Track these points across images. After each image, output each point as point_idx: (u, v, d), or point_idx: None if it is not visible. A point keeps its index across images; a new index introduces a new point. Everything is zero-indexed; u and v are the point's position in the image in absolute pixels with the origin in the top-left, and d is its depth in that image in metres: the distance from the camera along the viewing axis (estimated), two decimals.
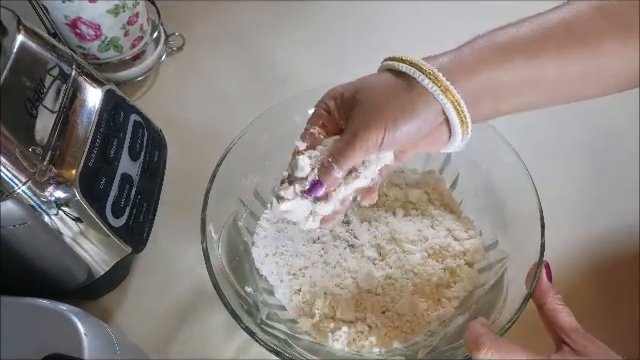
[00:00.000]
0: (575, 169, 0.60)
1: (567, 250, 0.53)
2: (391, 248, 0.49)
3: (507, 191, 0.46)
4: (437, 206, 0.51)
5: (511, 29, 0.36)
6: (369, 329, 0.44)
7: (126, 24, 0.62)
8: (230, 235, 0.47)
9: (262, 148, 0.49)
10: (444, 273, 0.47)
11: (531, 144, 0.49)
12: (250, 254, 0.49)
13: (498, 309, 0.40)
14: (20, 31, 0.41)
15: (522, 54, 0.35)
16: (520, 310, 0.37)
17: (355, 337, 0.44)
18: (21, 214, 0.39)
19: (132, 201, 0.48)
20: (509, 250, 0.44)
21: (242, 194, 0.49)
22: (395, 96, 0.36)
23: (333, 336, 0.44)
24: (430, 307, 0.45)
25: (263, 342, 0.38)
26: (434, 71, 0.35)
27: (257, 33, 0.76)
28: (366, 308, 0.45)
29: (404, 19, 0.77)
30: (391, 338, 0.44)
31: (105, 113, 0.46)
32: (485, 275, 0.45)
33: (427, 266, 0.47)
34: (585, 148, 0.62)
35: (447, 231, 0.49)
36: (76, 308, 0.36)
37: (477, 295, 0.44)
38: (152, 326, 0.50)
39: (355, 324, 0.45)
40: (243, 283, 0.44)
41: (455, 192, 0.52)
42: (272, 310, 0.45)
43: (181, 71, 0.72)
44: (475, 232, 0.49)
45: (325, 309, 0.46)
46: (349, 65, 0.53)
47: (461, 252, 0.48)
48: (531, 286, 0.37)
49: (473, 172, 0.49)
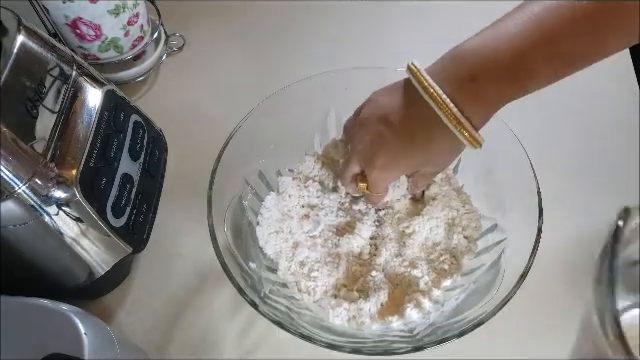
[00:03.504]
0: (574, 157, 0.60)
1: (564, 236, 0.53)
2: (393, 229, 0.50)
3: (507, 176, 0.48)
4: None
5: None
6: (368, 306, 0.45)
7: (126, 24, 0.62)
8: (235, 214, 0.48)
9: (266, 132, 0.51)
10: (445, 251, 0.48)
11: (532, 131, 0.49)
12: (254, 233, 0.50)
13: (496, 287, 0.42)
14: (20, 31, 0.41)
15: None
16: (516, 288, 0.39)
17: (355, 314, 0.45)
18: (21, 214, 0.39)
19: (132, 201, 0.48)
20: (507, 232, 0.46)
21: (247, 175, 0.51)
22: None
23: (333, 312, 0.45)
24: (428, 283, 0.46)
25: (266, 314, 0.39)
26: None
27: (258, 33, 0.76)
28: (367, 283, 0.47)
29: (404, 19, 0.77)
30: (390, 314, 0.45)
31: (105, 113, 0.46)
32: (484, 256, 0.47)
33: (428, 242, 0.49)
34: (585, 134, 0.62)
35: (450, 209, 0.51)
36: (76, 308, 0.36)
37: (476, 274, 0.46)
38: (152, 326, 0.50)
39: (356, 301, 0.46)
40: (247, 260, 0.46)
41: (457, 177, 0.54)
42: (275, 287, 0.47)
43: (181, 71, 0.72)
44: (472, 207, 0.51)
45: (326, 286, 0.47)
46: (349, 65, 0.53)
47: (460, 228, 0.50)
48: (527, 266, 0.40)
49: (474, 157, 0.50)
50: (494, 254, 0.46)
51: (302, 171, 0.54)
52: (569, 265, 0.52)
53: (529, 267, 0.40)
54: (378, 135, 0.41)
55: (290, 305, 0.45)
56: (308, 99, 0.52)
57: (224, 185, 0.46)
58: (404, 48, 0.71)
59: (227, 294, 0.51)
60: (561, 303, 0.49)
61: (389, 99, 0.41)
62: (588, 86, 0.62)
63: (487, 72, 0.36)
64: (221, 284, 0.50)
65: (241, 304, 0.43)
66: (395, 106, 0.40)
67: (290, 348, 0.47)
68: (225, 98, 0.68)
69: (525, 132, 0.47)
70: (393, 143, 0.41)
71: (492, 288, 0.42)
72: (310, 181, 0.53)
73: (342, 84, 0.53)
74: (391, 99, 0.41)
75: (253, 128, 0.50)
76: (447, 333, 0.39)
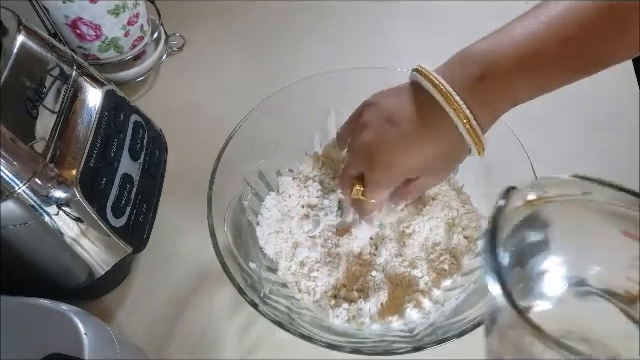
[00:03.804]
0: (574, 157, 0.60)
1: None
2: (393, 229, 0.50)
3: (507, 176, 0.47)
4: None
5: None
6: (368, 306, 0.45)
7: (126, 24, 0.62)
8: (235, 214, 0.49)
9: (266, 132, 0.51)
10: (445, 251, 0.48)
11: (532, 131, 0.50)
12: (254, 233, 0.50)
13: None
14: (20, 31, 0.41)
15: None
16: None
17: (355, 314, 0.45)
18: (21, 214, 0.39)
19: (132, 201, 0.48)
20: None
21: (247, 175, 0.51)
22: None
23: (333, 312, 0.45)
24: (428, 283, 0.46)
25: (266, 314, 0.39)
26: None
27: (258, 33, 0.76)
28: (367, 283, 0.47)
29: (404, 19, 0.77)
30: (390, 314, 0.45)
31: (105, 113, 0.46)
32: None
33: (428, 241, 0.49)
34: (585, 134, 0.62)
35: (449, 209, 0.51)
36: (76, 308, 0.36)
37: (476, 274, 0.46)
38: (152, 326, 0.50)
39: (356, 301, 0.46)
40: (247, 259, 0.46)
41: (457, 177, 0.53)
42: (275, 287, 0.47)
43: (181, 71, 0.72)
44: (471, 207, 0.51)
45: (326, 286, 0.47)
46: (349, 65, 0.53)
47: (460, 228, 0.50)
48: None
49: (474, 157, 0.50)
50: None
51: (302, 171, 0.54)
52: None
53: None
54: (382, 134, 0.41)
55: (290, 305, 0.45)
56: (308, 99, 0.52)
57: (224, 185, 0.47)
58: (404, 48, 0.71)
59: (227, 294, 0.51)
60: None
61: (394, 101, 0.41)
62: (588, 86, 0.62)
63: (495, 72, 0.36)
64: (221, 284, 0.50)
65: (241, 304, 0.43)
66: (401, 107, 0.40)
67: (290, 348, 0.47)
68: (225, 98, 0.68)
69: (525, 132, 0.47)
70: (397, 142, 0.40)
71: None
72: (310, 181, 0.53)
73: (342, 84, 0.53)
74: (396, 101, 0.41)
75: (253, 128, 0.50)
76: (447, 333, 0.39)
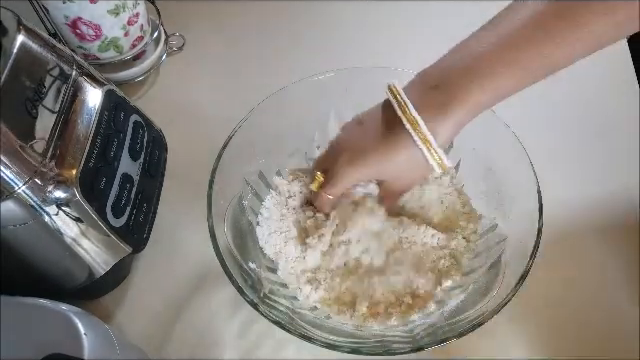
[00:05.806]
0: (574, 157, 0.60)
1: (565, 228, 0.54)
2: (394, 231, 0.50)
3: (507, 176, 0.48)
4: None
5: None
6: (368, 308, 0.45)
7: (126, 24, 0.62)
8: (235, 214, 0.49)
9: (266, 132, 0.51)
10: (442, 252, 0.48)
11: (532, 131, 0.49)
12: (254, 233, 0.50)
13: (496, 287, 0.42)
14: (20, 31, 0.41)
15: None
16: (516, 288, 0.39)
17: (355, 314, 0.45)
18: (21, 214, 0.39)
19: (132, 201, 0.48)
20: (507, 232, 0.46)
21: (247, 175, 0.51)
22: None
23: (333, 313, 0.45)
24: (429, 284, 0.46)
25: (266, 314, 0.40)
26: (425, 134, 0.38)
27: (258, 33, 0.76)
28: (367, 285, 0.47)
29: (404, 19, 0.77)
30: (390, 316, 0.45)
31: (105, 113, 0.46)
32: (484, 256, 0.47)
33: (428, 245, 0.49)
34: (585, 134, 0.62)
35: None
36: (76, 308, 0.36)
37: (476, 274, 0.46)
38: (152, 326, 0.50)
39: (355, 302, 0.46)
40: (247, 259, 0.46)
41: (457, 177, 0.53)
42: (275, 287, 0.47)
43: (181, 71, 0.72)
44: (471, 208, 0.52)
45: (325, 288, 0.47)
46: (349, 65, 0.53)
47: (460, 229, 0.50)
48: (527, 266, 0.40)
49: (474, 158, 0.51)
50: (494, 254, 0.46)
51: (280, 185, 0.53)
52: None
53: (529, 267, 0.40)
54: (351, 134, 0.45)
55: (290, 305, 0.45)
56: (308, 99, 0.52)
57: (224, 185, 0.47)
58: (404, 48, 0.71)
59: (227, 294, 0.51)
60: (561, 303, 0.49)
61: (370, 110, 0.45)
62: (588, 86, 0.62)
63: (447, 79, 0.38)
64: (221, 284, 0.50)
65: (241, 304, 0.43)
66: (372, 113, 0.44)
67: (290, 348, 0.47)
68: (225, 98, 0.68)
69: (525, 132, 0.47)
70: (360, 140, 0.43)
71: (492, 288, 0.42)
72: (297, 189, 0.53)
73: (342, 84, 0.53)
74: (372, 110, 0.45)
75: (253, 128, 0.50)
76: (447, 333, 0.39)
